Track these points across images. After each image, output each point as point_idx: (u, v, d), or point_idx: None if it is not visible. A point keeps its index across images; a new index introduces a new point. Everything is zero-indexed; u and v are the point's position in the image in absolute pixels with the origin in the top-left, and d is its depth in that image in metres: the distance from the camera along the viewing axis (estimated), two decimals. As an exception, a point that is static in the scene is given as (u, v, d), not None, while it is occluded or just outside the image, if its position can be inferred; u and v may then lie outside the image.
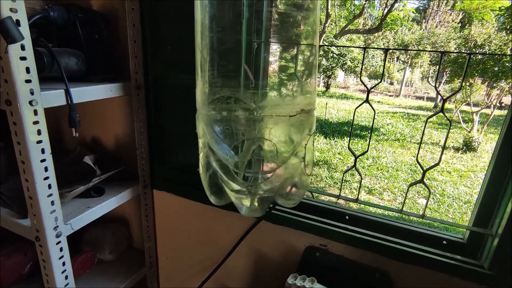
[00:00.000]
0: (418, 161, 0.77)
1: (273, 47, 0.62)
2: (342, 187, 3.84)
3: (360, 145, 5.26)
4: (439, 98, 9.10)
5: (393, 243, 0.73)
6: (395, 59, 13.30)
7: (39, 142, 0.63)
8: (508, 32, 5.15)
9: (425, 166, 0.72)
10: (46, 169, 0.65)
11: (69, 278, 0.76)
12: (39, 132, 0.62)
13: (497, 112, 6.25)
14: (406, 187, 3.78)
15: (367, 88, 0.75)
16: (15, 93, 0.57)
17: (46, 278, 0.74)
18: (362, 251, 0.77)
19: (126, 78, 0.88)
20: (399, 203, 3.52)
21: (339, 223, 0.79)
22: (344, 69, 10.65)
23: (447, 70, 6.79)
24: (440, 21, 12.14)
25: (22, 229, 0.73)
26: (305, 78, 0.63)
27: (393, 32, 11.88)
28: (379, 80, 1.02)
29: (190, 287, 1.08)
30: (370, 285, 0.77)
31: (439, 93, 0.81)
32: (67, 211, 0.78)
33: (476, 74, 5.08)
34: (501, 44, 5.14)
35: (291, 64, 0.64)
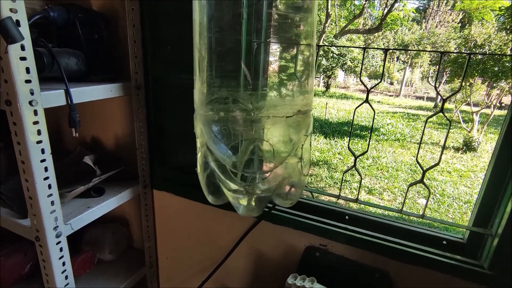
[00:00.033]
0: (418, 161, 0.77)
1: (271, 48, 0.62)
2: (342, 187, 3.84)
3: (360, 145, 5.26)
4: (439, 98, 9.10)
5: (393, 243, 0.73)
6: (395, 59, 13.31)
7: (39, 142, 0.63)
8: (508, 32, 5.15)
9: (425, 166, 0.72)
10: (46, 169, 0.65)
11: (69, 278, 0.76)
12: (39, 132, 0.62)
13: (497, 112, 6.25)
14: (406, 187, 3.78)
15: (367, 88, 0.75)
16: (15, 93, 0.57)
17: (46, 278, 0.74)
18: (362, 251, 0.77)
19: (126, 78, 0.88)
20: (399, 203, 3.52)
21: (339, 223, 0.79)
22: (344, 69, 10.65)
23: (447, 70, 6.79)
24: (440, 21, 12.15)
25: (22, 229, 0.73)
26: (303, 80, 0.63)
27: (393, 32, 11.88)
28: (379, 80, 1.02)
29: (190, 287, 1.08)
30: (370, 285, 0.77)
31: (439, 93, 0.81)
32: (67, 211, 0.78)
33: (476, 74, 5.08)
34: (501, 44, 5.15)
35: (290, 65, 0.64)
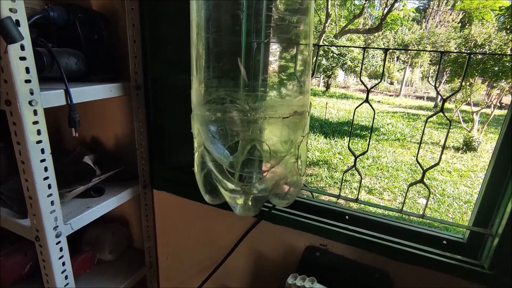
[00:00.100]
0: (418, 161, 0.77)
1: (269, 48, 0.62)
2: (342, 187, 3.84)
3: (360, 145, 5.25)
4: (439, 98, 9.09)
5: (393, 243, 0.73)
6: (395, 59, 13.31)
7: (39, 142, 0.63)
8: (508, 32, 5.15)
9: (425, 166, 0.72)
10: (46, 169, 0.65)
11: (69, 278, 0.76)
12: (39, 132, 0.62)
13: (497, 112, 6.24)
14: (406, 187, 3.78)
15: (367, 88, 0.75)
16: (15, 93, 0.57)
17: (46, 278, 0.74)
18: (362, 251, 0.77)
19: (126, 78, 0.88)
20: (399, 203, 3.52)
21: (339, 223, 0.79)
22: (344, 69, 10.65)
23: (447, 70, 6.79)
24: (440, 21, 12.14)
25: (22, 229, 0.73)
26: (300, 80, 0.63)
27: (393, 32, 11.88)
28: (379, 80, 1.02)
29: (190, 287, 1.08)
30: (370, 285, 0.77)
31: (439, 93, 0.81)
32: (67, 211, 0.78)
33: (476, 74, 5.08)
34: (501, 44, 5.15)
35: (287, 65, 0.64)
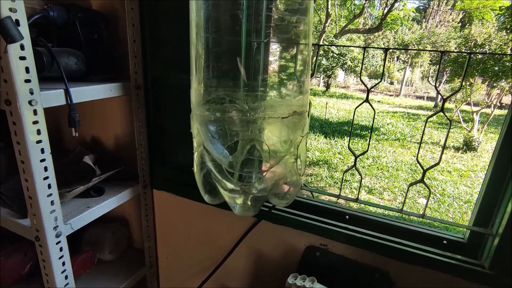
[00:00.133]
0: (418, 161, 0.77)
1: (269, 48, 0.62)
2: (342, 187, 3.84)
3: (360, 145, 5.25)
4: (439, 98, 9.09)
5: (393, 243, 0.73)
6: (395, 59, 13.30)
7: (39, 142, 0.63)
8: (508, 32, 5.15)
9: (425, 166, 0.71)
10: (46, 169, 0.65)
11: (69, 278, 0.76)
12: (39, 132, 0.62)
13: (497, 112, 6.25)
14: (406, 187, 3.78)
15: (367, 88, 0.75)
16: (15, 93, 0.57)
17: (46, 278, 0.74)
18: (362, 251, 0.77)
19: (126, 78, 0.88)
20: (399, 203, 3.52)
21: (339, 223, 0.79)
22: (344, 69, 10.65)
23: (447, 70, 6.79)
24: (440, 21, 12.14)
25: (22, 229, 0.73)
26: (300, 80, 0.63)
27: (393, 32, 11.87)
28: (379, 80, 1.02)
29: (190, 287, 1.08)
30: (370, 285, 0.77)
31: (439, 93, 0.81)
32: (67, 211, 0.78)
33: (476, 74, 5.08)
34: (501, 44, 5.15)
35: (286, 65, 0.64)
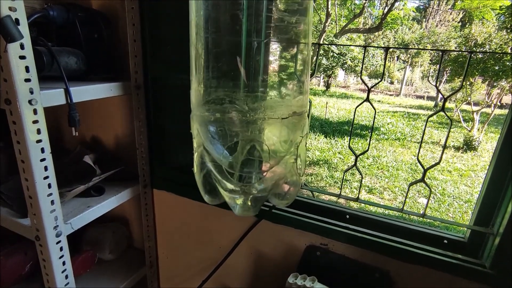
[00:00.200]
0: (419, 160, 0.76)
1: (269, 49, 0.62)
2: (343, 187, 3.84)
3: (361, 144, 5.25)
4: (440, 97, 9.09)
5: (394, 242, 0.73)
6: (396, 58, 13.30)
7: (39, 141, 0.63)
8: (509, 31, 5.15)
9: (426, 165, 0.71)
10: (46, 169, 0.65)
11: (69, 278, 0.76)
12: (39, 131, 0.62)
13: (498, 111, 6.24)
14: (407, 186, 3.78)
15: (368, 87, 0.75)
16: (15, 92, 0.57)
17: (46, 278, 0.73)
18: (363, 250, 0.77)
19: (126, 78, 0.88)
20: (400, 202, 3.52)
21: (340, 222, 0.79)
22: (344, 69, 10.64)
23: (448, 69, 6.79)
24: (441, 20, 12.13)
25: (22, 229, 0.73)
26: (300, 79, 0.63)
27: (394, 31, 11.86)
28: (380, 79, 1.02)
29: (191, 287, 1.08)
30: (371, 285, 0.77)
31: (440, 92, 0.80)
32: (67, 211, 0.78)
33: (477, 73, 5.08)
34: (502, 43, 5.14)
35: (287, 65, 0.64)
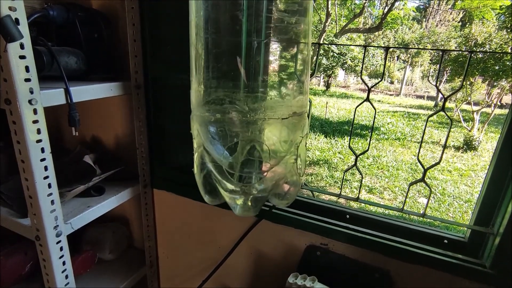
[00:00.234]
0: (419, 160, 0.76)
1: (269, 49, 0.62)
2: (343, 186, 3.84)
3: (361, 144, 5.25)
4: (440, 97, 9.08)
5: (394, 242, 0.73)
6: (396, 58, 13.29)
7: (39, 141, 0.63)
8: (509, 31, 5.15)
9: (426, 165, 0.71)
10: (46, 168, 0.65)
11: (70, 278, 0.76)
12: (39, 131, 0.62)
13: (498, 111, 6.24)
14: (407, 186, 3.78)
15: (368, 87, 0.75)
16: (15, 92, 0.57)
17: (47, 278, 0.73)
18: (363, 250, 0.77)
19: (126, 78, 0.88)
20: (400, 202, 3.52)
21: (340, 222, 0.79)
22: (344, 68, 10.64)
23: (448, 69, 6.79)
24: (441, 20, 12.13)
25: (22, 229, 0.73)
26: (300, 79, 0.63)
27: (394, 31, 11.85)
28: (380, 79, 1.02)
29: (191, 287, 1.08)
30: (371, 284, 0.77)
31: (440, 92, 0.80)
32: (67, 210, 0.78)
33: (477, 73, 5.08)
34: (502, 43, 5.14)
35: (287, 64, 0.64)
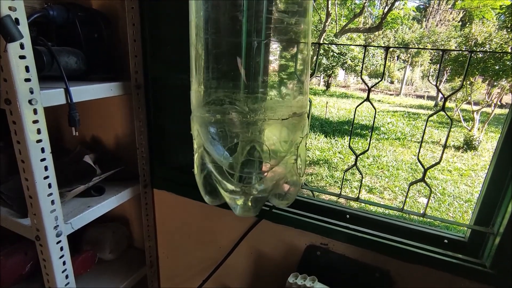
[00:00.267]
0: (419, 160, 0.76)
1: (269, 50, 0.62)
2: (343, 186, 3.84)
3: (361, 144, 5.25)
4: (440, 97, 9.08)
5: (394, 242, 0.73)
6: (396, 58, 13.29)
7: (39, 141, 0.63)
8: (509, 31, 5.14)
9: (426, 165, 0.71)
10: (46, 168, 0.65)
11: (70, 278, 0.76)
12: (39, 131, 0.62)
13: (498, 111, 6.24)
14: (407, 186, 3.78)
15: (368, 87, 0.75)
16: (15, 92, 0.57)
17: (47, 278, 0.73)
18: (363, 250, 0.77)
19: (126, 78, 0.88)
20: (400, 202, 3.52)
21: (340, 222, 0.79)
22: (345, 68, 10.64)
23: (448, 69, 6.79)
24: (441, 20, 12.12)
25: (22, 229, 0.73)
26: (300, 79, 0.63)
27: (394, 31, 11.84)
28: (380, 79, 1.01)
29: (191, 287, 1.08)
30: (371, 284, 0.77)
31: (440, 91, 0.80)
32: (67, 210, 0.78)
33: (477, 73, 5.07)
34: (502, 43, 5.14)
35: (287, 64, 0.64)
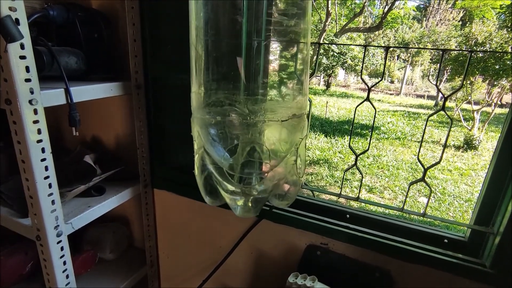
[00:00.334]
0: (419, 160, 0.76)
1: (269, 51, 0.62)
2: (343, 186, 3.84)
3: (361, 144, 5.25)
4: (440, 96, 9.08)
5: (394, 242, 0.73)
6: (396, 58, 13.28)
7: (39, 141, 0.63)
8: (509, 30, 5.14)
9: (426, 165, 0.71)
10: (47, 168, 0.65)
11: (70, 277, 0.76)
12: (39, 131, 0.62)
13: (498, 111, 6.23)
14: (407, 186, 3.78)
15: (368, 86, 0.75)
16: (15, 92, 0.57)
17: (47, 278, 0.74)
18: (363, 250, 0.77)
19: (126, 78, 0.88)
20: (400, 202, 3.52)
21: (340, 222, 0.79)
22: (345, 68, 10.63)
23: (448, 69, 6.78)
24: (441, 19, 12.11)
25: (23, 229, 0.73)
26: (300, 79, 0.63)
27: (394, 31, 11.83)
28: (380, 78, 1.02)
29: (191, 287, 1.09)
30: (371, 284, 0.77)
31: (440, 91, 0.80)
32: (68, 210, 0.78)
33: (477, 72, 5.07)
34: (502, 42, 5.13)
35: (287, 64, 0.64)
